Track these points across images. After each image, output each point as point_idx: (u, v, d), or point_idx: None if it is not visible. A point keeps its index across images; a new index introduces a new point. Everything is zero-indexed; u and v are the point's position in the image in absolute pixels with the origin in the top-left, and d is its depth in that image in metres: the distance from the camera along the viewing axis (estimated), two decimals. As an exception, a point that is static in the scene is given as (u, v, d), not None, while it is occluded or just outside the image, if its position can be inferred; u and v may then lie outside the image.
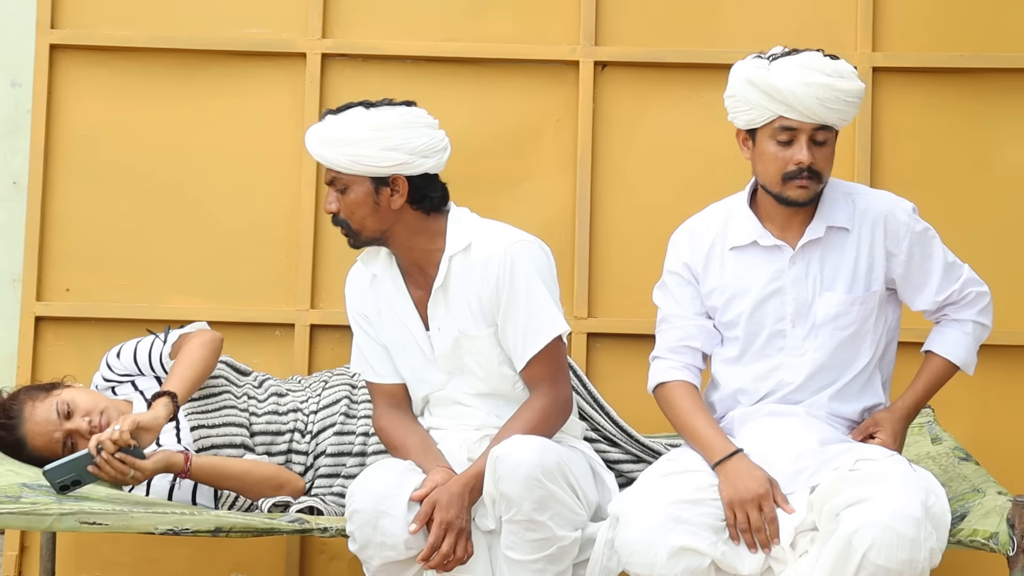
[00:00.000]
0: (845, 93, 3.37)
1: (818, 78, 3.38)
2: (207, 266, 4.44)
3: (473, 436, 3.53)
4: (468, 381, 3.56)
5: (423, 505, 3.32)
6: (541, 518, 3.28)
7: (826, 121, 3.38)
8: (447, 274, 3.52)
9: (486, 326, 3.53)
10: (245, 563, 4.35)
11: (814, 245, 3.47)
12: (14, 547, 4.34)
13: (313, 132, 3.50)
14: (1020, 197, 4.38)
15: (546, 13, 4.46)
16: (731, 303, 3.51)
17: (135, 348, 3.92)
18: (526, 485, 3.26)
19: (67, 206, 4.43)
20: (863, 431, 3.48)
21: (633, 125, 4.41)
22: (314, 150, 3.48)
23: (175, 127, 4.45)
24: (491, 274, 3.50)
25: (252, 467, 3.74)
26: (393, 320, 3.58)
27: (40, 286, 4.41)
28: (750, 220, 3.50)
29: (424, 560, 3.31)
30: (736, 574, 3.29)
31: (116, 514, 3.38)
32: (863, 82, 3.42)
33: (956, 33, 4.41)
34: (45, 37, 4.42)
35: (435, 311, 3.54)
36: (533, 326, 3.49)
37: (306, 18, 4.45)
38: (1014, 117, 4.38)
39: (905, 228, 3.48)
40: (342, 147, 3.44)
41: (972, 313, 3.55)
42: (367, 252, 3.62)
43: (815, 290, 3.47)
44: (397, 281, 3.58)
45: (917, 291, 3.52)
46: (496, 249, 3.51)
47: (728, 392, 3.54)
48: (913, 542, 3.12)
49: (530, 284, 3.50)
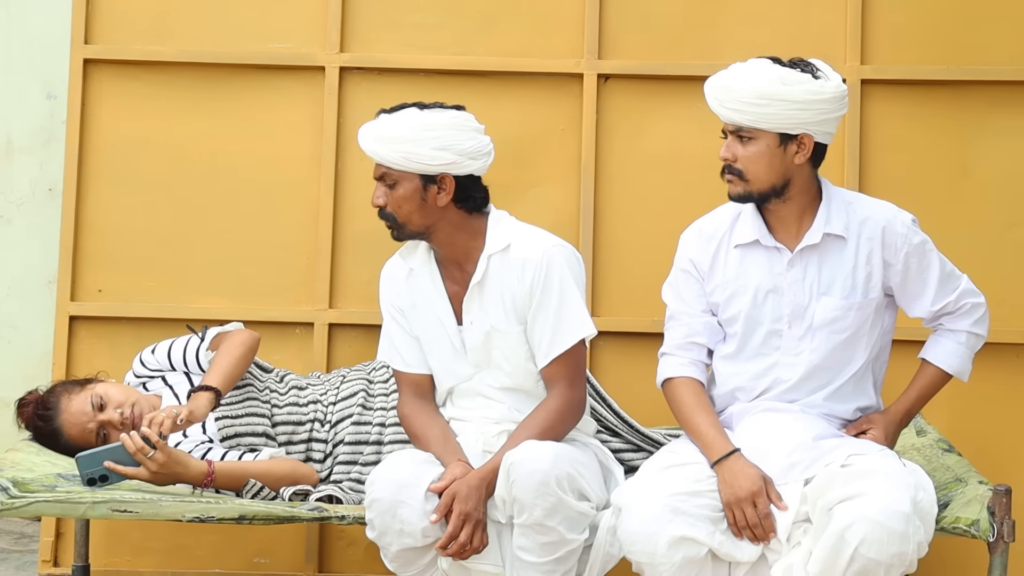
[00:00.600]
0: (738, 94, 3.34)
1: (718, 81, 3.39)
2: (231, 268, 4.43)
3: (491, 430, 3.51)
4: (494, 375, 3.54)
5: (443, 496, 3.31)
6: (551, 523, 3.27)
7: (733, 121, 3.36)
8: (485, 271, 3.51)
9: (517, 323, 3.51)
10: (267, 549, 4.34)
11: (812, 250, 3.44)
12: (50, 533, 4.34)
13: (368, 129, 3.49)
14: (1000, 202, 4.37)
15: (552, 28, 4.46)
16: (732, 300, 3.49)
17: (170, 345, 3.93)
18: (538, 492, 3.25)
19: (99, 211, 4.43)
20: (857, 428, 3.46)
21: (634, 134, 4.40)
22: (368, 146, 3.47)
23: (202, 137, 4.44)
24: (528, 274, 3.49)
25: (270, 467, 3.73)
26: (427, 313, 3.56)
27: (74, 287, 4.41)
28: (756, 220, 3.47)
29: (442, 548, 3.31)
30: (732, 562, 3.28)
31: (146, 502, 3.41)
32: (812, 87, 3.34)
33: (940, 47, 4.40)
34: (79, 52, 4.42)
35: (469, 306, 3.53)
36: (563, 326, 3.49)
37: (325, 33, 4.44)
38: (995, 126, 4.37)
39: (903, 240, 3.44)
40: (396, 144, 3.43)
41: (967, 324, 3.52)
42: (407, 247, 3.62)
43: (812, 294, 3.44)
44: (435, 276, 3.57)
45: (914, 300, 3.50)
46: (535, 250, 3.50)
47: (727, 388, 3.52)
48: (902, 536, 3.12)
49: (564, 286, 3.49)
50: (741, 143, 3.38)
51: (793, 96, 3.32)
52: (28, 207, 4.83)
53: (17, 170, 4.83)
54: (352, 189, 4.43)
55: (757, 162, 3.37)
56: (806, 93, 3.33)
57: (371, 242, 4.38)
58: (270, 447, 3.83)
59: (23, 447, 3.74)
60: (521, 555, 3.32)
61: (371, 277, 4.33)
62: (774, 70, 3.35)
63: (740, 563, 3.27)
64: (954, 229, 4.24)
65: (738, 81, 3.35)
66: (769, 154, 3.37)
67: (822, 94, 3.35)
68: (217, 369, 3.75)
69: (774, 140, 3.37)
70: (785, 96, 3.32)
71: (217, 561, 4.33)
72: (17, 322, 4.84)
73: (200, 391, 3.68)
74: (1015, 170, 4.37)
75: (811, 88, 3.34)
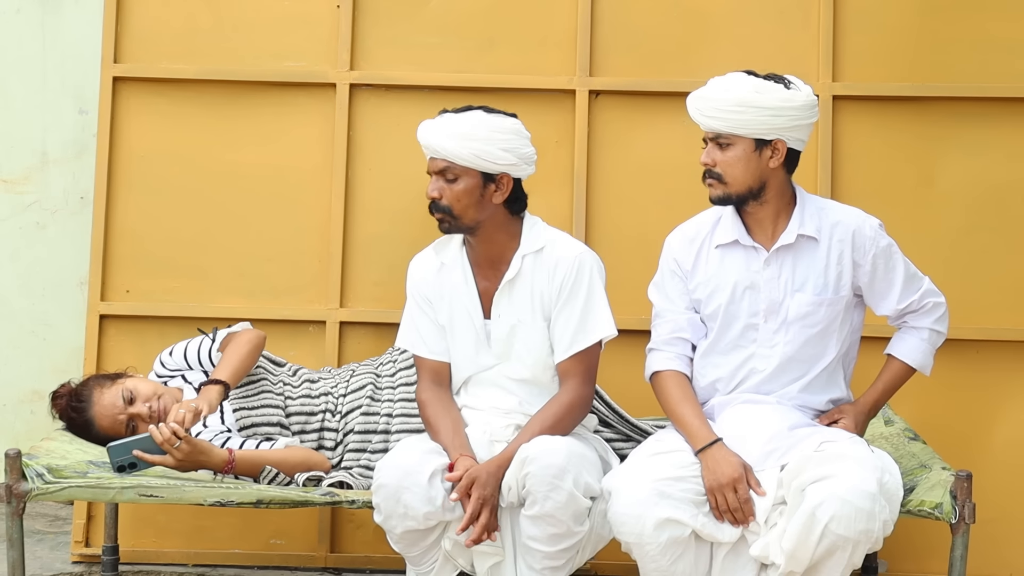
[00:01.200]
0: (716, 102, 3.37)
1: (700, 92, 3.42)
2: (249, 270, 4.43)
3: (500, 421, 3.50)
4: (513, 367, 3.53)
5: (463, 480, 3.30)
6: (562, 516, 3.28)
7: (712, 128, 3.39)
8: (519, 270, 3.51)
9: (542, 319, 3.52)
10: (283, 531, 4.34)
11: (787, 250, 3.46)
12: (82, 516, 4.33)
13: (436, 126, 3.46)
14: (961, 208, 4.36)
15: (546, 48, 4.45)
16: (712, 296, 3.51)
17: (186, 347, 3.94)
18: (552, 486, 3.26)
19: (128, 218, 4.42)
20: (829, 417, 3.48)
21: (623, 146, 4.39)
22: (436, 141, 3.44)
23: (222, 148, 4.43)
24: (559, 274, 3.50)
25: (286, 455, 3.73)
26: (456, 305, 3.55)
27: (104, 288, 4.41)
28: (735, 222, 3.49)
29: (463, 530, 3.30)
30: (714, 542, 3.29)
31: (170, 488, 3.42)
32: (784, 96, 3.37)
33: (905, 66, 4.38)
34: (109, 70, 4.42)
35: (499, 300, 3.52)
36: (586, 324, 3.49)
37: (336, 53, 4.44)
38: (956, 138, 4.36)
39: (871, 242, 3.47)
40: (467, 141, 3.42)
41: (929, 321, 3.55)
42: (440, 242, 3.60)
43: (786, 290, 3.46)
44: (467, 271, 3.56)
45: (881, 299, 3.52)
46: (568, 253, 3.52)
47: (707, 380, 3.53)
48: (869, 514, 3.14)
49: (592, 286, 3.51)
50: (720, 149, 3.40)
51: (766, 103, 3.35)
52: (62, 214, 4.82)
53: (52, 180, 4.82)
54: (361, 196, 4.43)
55: (735, 166, 3.40)
56: (778, 101, 3.36)
57: (379, 245, 4.42)
58: (285, 436, 3.84)
59: (57, 436, 3.74)
60: (530, 544, 3.32)
61: (379, 278, 4.37)
62: (749, 81, 3.39)
63: (721, 543, 3.28)
64: (918, 233, 4.24)
65: (716, 91, 3.39)
66: (745, 158, 3.40)
67: (793, 102, 3.38)
68: (225, 364, 3.77)
69: (750, 145, 3.39)
70: (759, 103, 3.35)
71: (236, 542, 4.34)
72: (51, 320, 4.83)
73: (210, 384, 3.69)
74: (974, 179, 4.36)
75: (783, 96, 3.37)
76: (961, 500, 3.28)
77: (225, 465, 3.63)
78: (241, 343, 3.84)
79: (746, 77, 3.40)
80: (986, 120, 4.36)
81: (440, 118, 3.49)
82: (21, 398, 4.84)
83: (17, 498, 3.34)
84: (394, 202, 4.43)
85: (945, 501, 3.29)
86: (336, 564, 4.33)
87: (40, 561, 4.29)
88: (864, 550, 3.18)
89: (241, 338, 3.86)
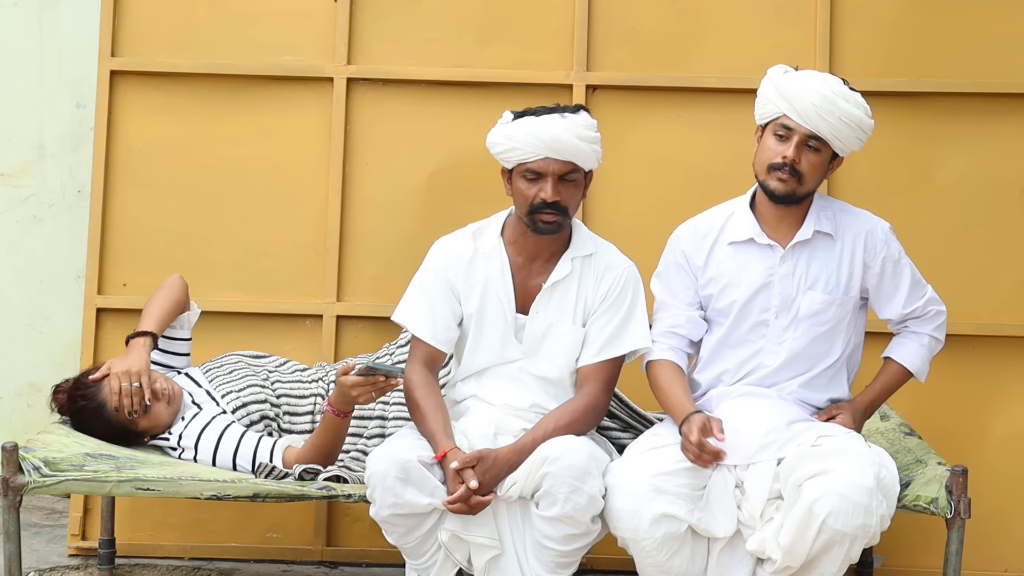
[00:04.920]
0: (841, 111, 3.37)
1: (821, 89, 3.39)
2: (246, 264, 4.41)
3: (509, 419, 3.47)
4: (539, 364, 3.51)
5: (473, 454, 3.27)
6: (581, 517, 3.26)
7: (819, 130, 3.37)
8: (569, 271, 3.51)
9: (581, 324, 3.51)
10: (279, 524, 4.34)
11: (802, 247, 3.47)
12: (79, 509, 4.33)
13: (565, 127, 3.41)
14: (957, 204, 4.36)
15: (544, 43, 4.44)
16: (724, 292, 3.51)
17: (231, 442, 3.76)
18: (573, 488, 3.24)
19: (125, 212, 4.41)
20: (827, 413, 3.49)
21: (620, 141, 4.37)
22: (570, 142, 3.41)
23: (219, 142, 4.42)
24: (606, 281, 3.51)
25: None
26: (488, 295, 3.53)
27: (101, 281, 4.40)
28: (749, 220, 3.50)
29: (452, 501, 3.25)
30: (710, 537, 3.30)
31: (167, 481, 3.40)
32: (871, 121, 3.43)
33: (902, 62, 4.38)
34: (106, 64, 4.41)
35: (541, 298, 3.51)
36: (624, 333, 3.50)
37: (333, 47, 4.43)
38: (952, 135, 4.36)
39: (882, 244, 3.49)
40: (588, 143, 3.45)
41: (930, 328, 3.57)
42: (480, 228, 3.58)
43: (799, 287, 3.47)
44: (504, 263, 3.54)
45: (886, 302, 3.54)
46: (619, 263, 3.55)
47: (713, 371, 3.54)
48: (866, 509, 3.15)
49: (636, 299, 3.53)
50: (811, 150, 3.40)
51: (864, 127, 3.42)
52: (59, 208, 4.82)
53: (49, 174, 4.82)
54: (358, 190, 4.42)
55: (817, 170, 3.42)
56: (868, 128, 3.43)
57: (376, 240, 4.41)
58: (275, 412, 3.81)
59: (54, 429, 3.71)
60: (545, 543, 3.30)
61: (376, 272, 4.37)
62: (859, 99, 3.41)
63: (717, 538, 3.28)
64: (916, 230, 4.23)
65: (842, 101, 3.37)
66: (823, 166, 3.43)
67: (870, 128, 3.45)
68: (146, 314, 3.78)
69: (829, 155, 3.43)
70: (862, 126, 3.40)
71: (233, 536, 4.33)
72: (48, 314, 4.83)
73: (136, 337, 3.71)
74: (972, 175, 4.36)
75: (870, 124, 3.43)
76: (957, 495, 3.29)
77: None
78: (158, 290, 3.84)
79: (854, 93, 3.42)
80: (984, 116, 4.37)
81: (556, 118, 3.43)
82: (18, 391, 4.84)
83: (14, 491, 3.33)
84: (391, 196, 4.42)
85: (941, 496, 3.30)
86: (333, 558, 4.33)
87: (36, 554, 4.28)
88: (861, 545, 3.19)
89: (162, 286, 3.87)
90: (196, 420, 3.74)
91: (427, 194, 4.40)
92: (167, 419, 3.76)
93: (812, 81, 3.41)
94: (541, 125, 3.42)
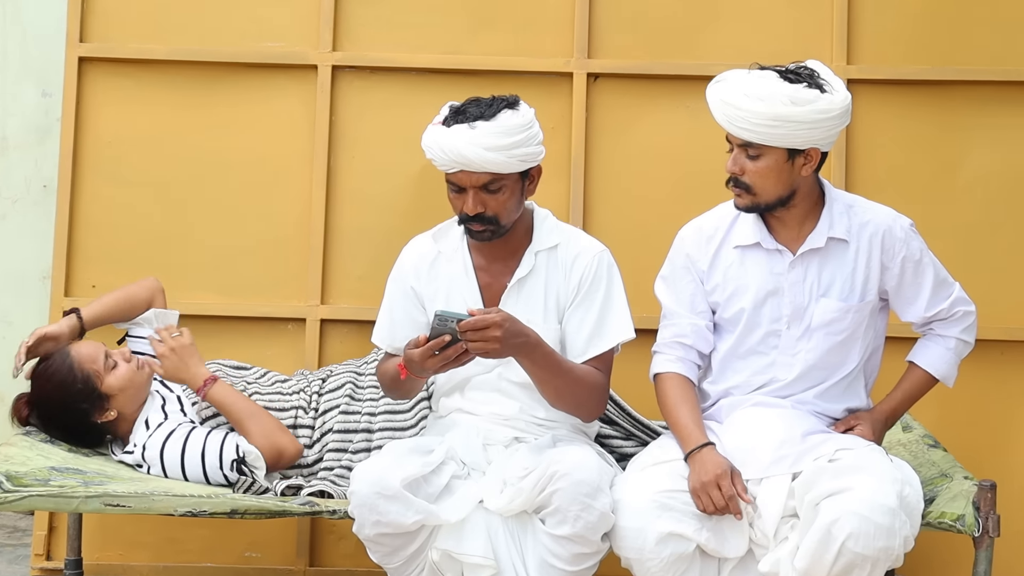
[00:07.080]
0: (751, 112, 3.26)
1: (723, 95, 3.30)
2: (224, 264, 4.41)
3: (498, 429, 3.47)
4: (516, 369, 3.44)
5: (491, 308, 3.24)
6: (592, 536, 3.22)
7: (742, 137, 3.30)
8: (532, 267, 3.48)
9: (555, 321, 3.48)
10: (259, 543, 4.34)
11: (813, 253, 3.43)
12: (43, 527, 4.32)
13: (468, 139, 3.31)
14: (983, 199, 4.38)
15: (542, 28, 4.45)
16: (732, 300, 3.48)
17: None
18: (584, 506, 3.19)
19: (94, 208, 4.41)
20: (845, 424, 3.46)
21: (623, 132, 4.39)
22: (475, 156, 3.31)
23: (195, 134, 4.42)
24: (576, 272, 3.48)
25: (258, 411, 3.74)
26: (453, 298, 3.51)
27: (68, 282, 4.39)
28: (756, 222, 3.45)
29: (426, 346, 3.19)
30: (720, 558, 3.26)
31: (138, 496, 3.39)
32: (814, 106, 3.28)
33: (925, 48, 4.40)
34: (74, 50, 4.41)
35: (508, 299, 3.48)
36: (603, 328, 3.47)
37: (318, 32, 4.43)
38: (978, 125, 4.37)
39: (901, 243, 3.44)
40: (509, 150, 3.34)
41: (957, 331, 3.53)
42: (440, 230, 3.57)
43: (812, 295, 3.43)
44: (467, 263, 3.53)
45: (908, 304, 3.49)
46: (588, 252, 3.49)
47: (724, 385, 3.51)
48: (889, 531, 3.12)
49: (611, 287, 3.49)
50: (749, 158, 3.34)
51: (805, 117, 3.26)
52: (23, 203, 4.83)
53: (13, 167, 4.83)
54: (344, 186, 4.42)
55: (766, 177, 3.34)
56: (817, 113, 3.27)
57: (363, 238, 4.43)
58: None
59: (17, 441, 3.69)
60: (553, 562, 3.26)
61: (363, 273, 4.40)
62: (783, 89, 3.26)
63: (728, 559, 3.26)
64: (940, 227, 4.24)
65: (746, 100, 3.26)
66: (777, 169, 3.33)
67: (831, 112, 3.29)
68: (94, 302, 3.87)
69: (782, 155, 3.32)
70: (797, 117, 3.26)
71: (209, 555, 4.32)
72: (12, 317, 4.84)
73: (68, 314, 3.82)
74: (998, 169, 4.37)
75: (821, 107, 3.27)
76: (985, 512, 3.25)
77: (202, 383, 3.74)
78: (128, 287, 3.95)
79: (779, 83, 3.28)
80: (1011, 106, 4.38)
81: (463, 129, 3.33)
82: (-23, 400, 4.81)
83: (-28, 509, 3.34)
84: (379, 192, 4.42)
85: (968, 513, 3.26)
86: (316, 578, 4.36)
87: (-3, 576, 4.30)
88: (884, 568, 3.15)
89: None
90: (159, 431, 3.73)
91: (417, 189, 4.39)
92: (137, 386, 3.76)
93: (718, 87, 3.35)
94: (448, 139, 3.34)
